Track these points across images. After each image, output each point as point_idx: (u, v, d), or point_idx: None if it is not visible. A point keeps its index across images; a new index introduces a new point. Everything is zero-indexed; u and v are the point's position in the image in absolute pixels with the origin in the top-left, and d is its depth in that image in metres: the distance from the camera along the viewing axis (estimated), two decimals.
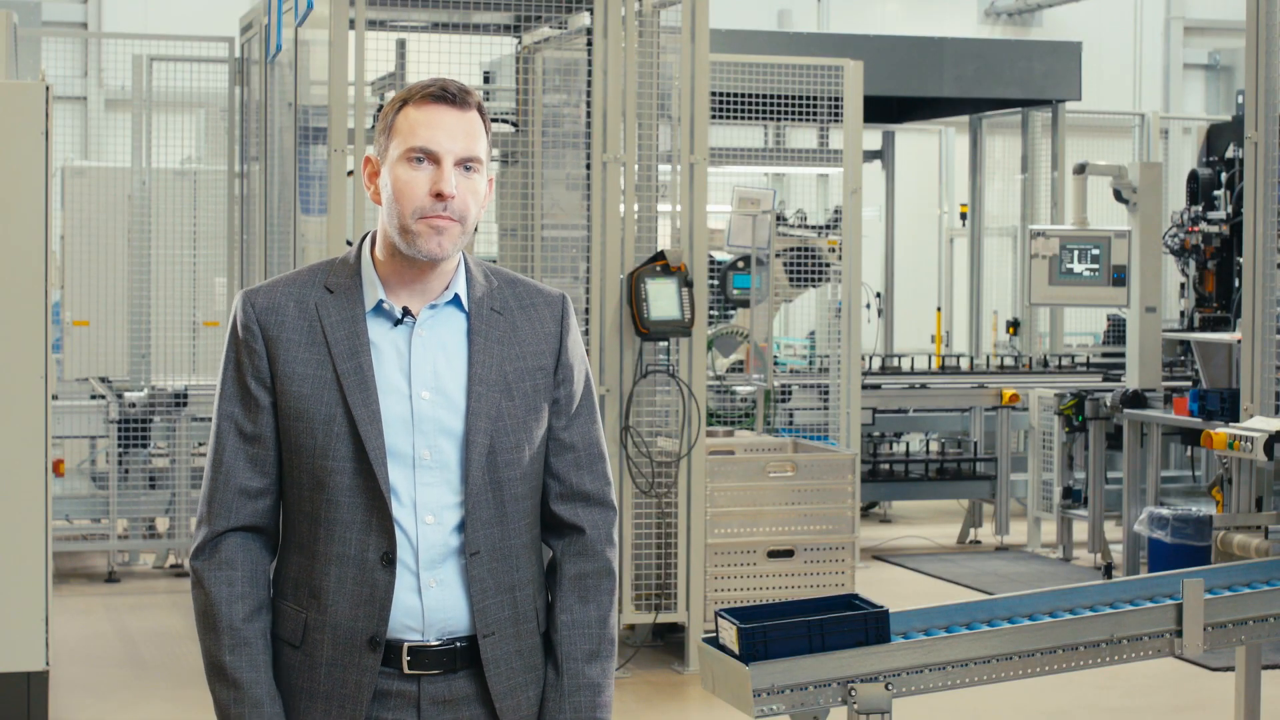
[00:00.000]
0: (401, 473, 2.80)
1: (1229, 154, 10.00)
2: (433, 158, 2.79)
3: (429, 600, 2.81)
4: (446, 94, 2.81)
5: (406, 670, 2.81)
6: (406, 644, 2.81)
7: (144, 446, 9.58)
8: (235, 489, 2.85)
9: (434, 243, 2.79)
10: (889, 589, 9.39)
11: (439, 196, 2.78)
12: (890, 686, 4.07)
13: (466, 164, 2.81)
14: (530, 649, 2.90)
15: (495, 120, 8.61)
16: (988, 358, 12.43)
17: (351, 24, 7.08)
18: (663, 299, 7.28)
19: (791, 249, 10.35)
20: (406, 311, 2.85)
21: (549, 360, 2.92)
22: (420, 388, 2.83)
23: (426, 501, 2.81)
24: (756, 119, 10.24)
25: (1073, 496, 10.32)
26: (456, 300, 2.88)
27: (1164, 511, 9.18)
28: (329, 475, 2.80)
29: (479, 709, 2.85)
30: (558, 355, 2.93)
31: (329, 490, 2.80)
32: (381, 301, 2.85)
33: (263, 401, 2.84)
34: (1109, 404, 9.86)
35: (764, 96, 9.86)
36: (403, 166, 2.80)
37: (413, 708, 2.82)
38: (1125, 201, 9.84)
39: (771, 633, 3.98)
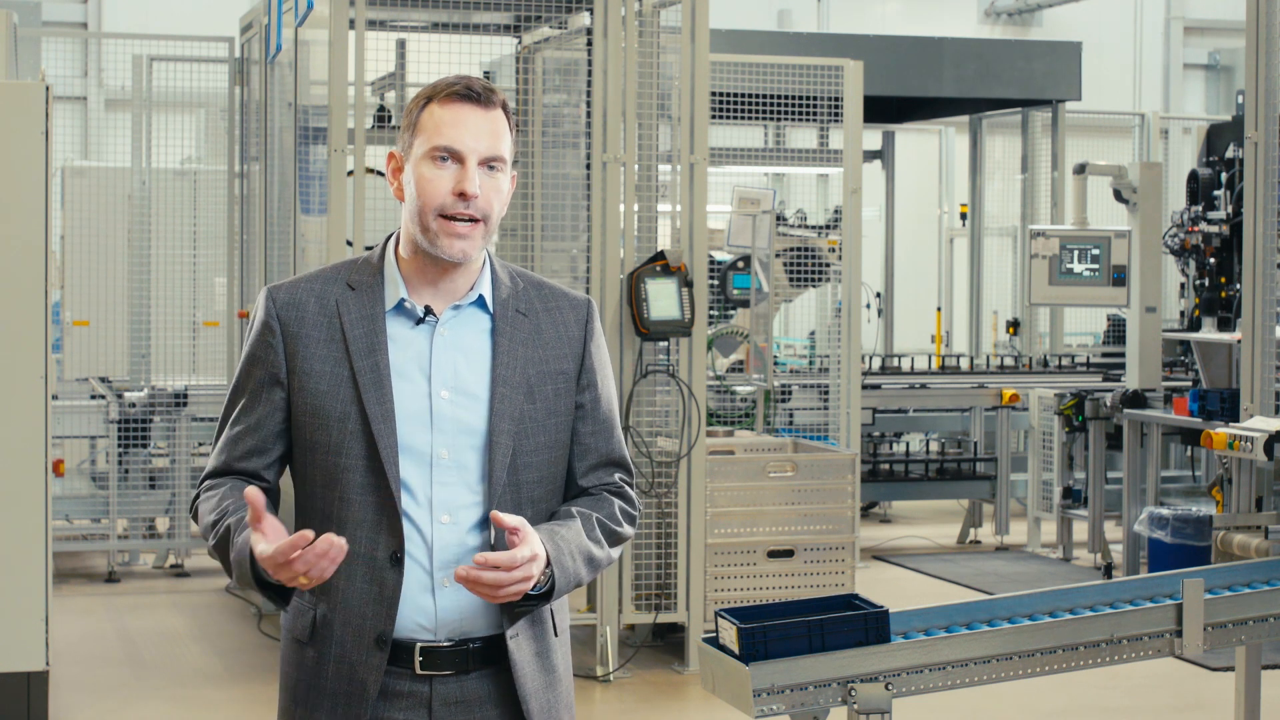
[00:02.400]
0: (418, 471, 2.80)
1: (1229, 154, 9.99)
2: (457, 157, 2.79)
3: (442, 600, 2.80)
4: (471, 92, 2.81)
5: (418, 670, 2.81)
6: (419, 644, 2.80)
7: (144, 446, 9.58)
8: (231, 469, 2.87)
9: (456, 247, 2.79)
10: (889, 589, 9.39)
11: (462, 196, 2.78)
12: (890, 686, 4.07)
13: (490, 163, 2.81)
14: (547, 650, 2.90)
15: None
16: (988, 358, 12.43)
17: (351, 24, 7.08)
18: (663, 299, 7.28)
19: (791, 249, 10.34)
20: (429, 311, 2.85)
21: (572, 364, 2.92)
22: (440, 387, 2.82)
23: (443, 500, 2.81)
24: (756, 119, 10.24)
25: (1073, 496, 10.32)
26: (481, 301, 2.88)
27: (1164, 511, 9.18)
28: (342, 473, 2.80)
29: (492, 710, 2.84)
30: (581, 359, 2.93)
31: (341, 488, 2.81)
32: (403, 300, 2.85)
33: (274, 396, 2.85)
34: (1109, 404, 9.85)
35: (764, 96, 9.86)
36: (426, 165, 2.80)
37: (424, 708, 2.82)
38: (1125, 201, 9.84)
39: (771, 633, 3.98)
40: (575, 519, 2.86)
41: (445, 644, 2.81)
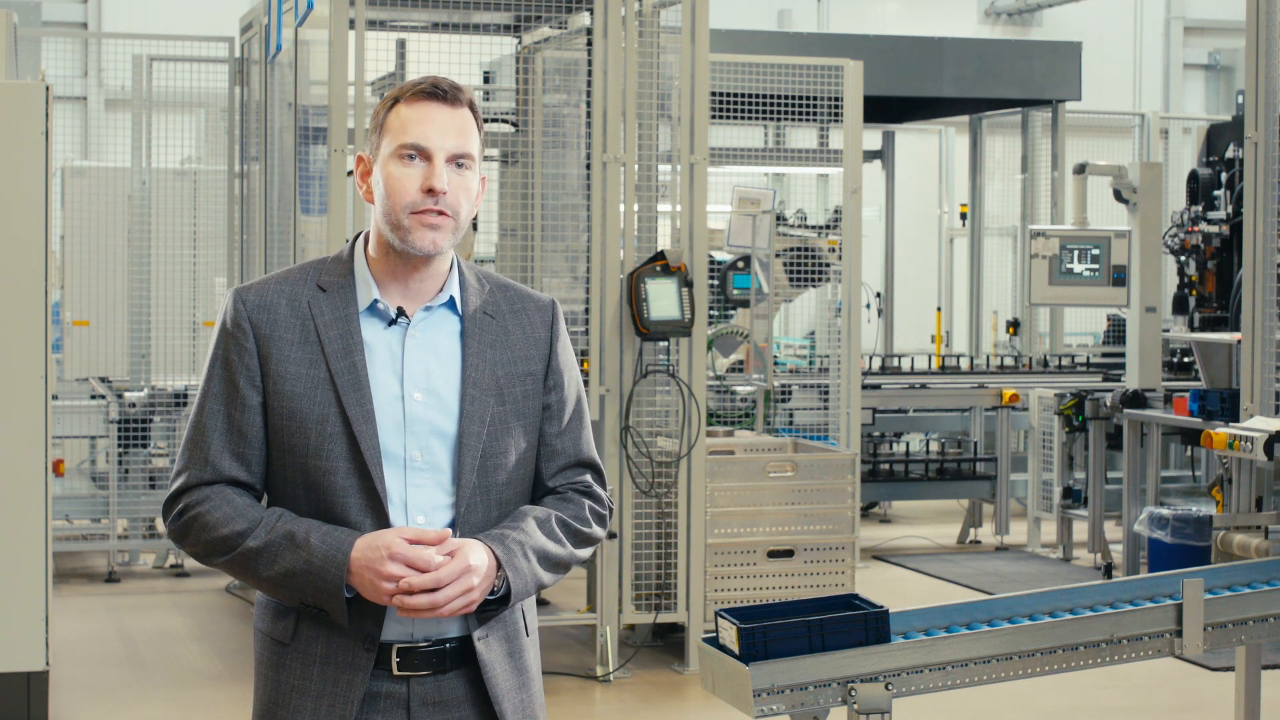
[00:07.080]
0: (393, 473, 2.80)
1: (1229, 154, 9.99)
2: (425, 154, 2.80)
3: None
4: (438, 91, 2.82)
5: (396, 671, 2.81)
6: (396, 645, 2.80)
7: (144, 446, 9.59)
8: (218, 476, 2.82)
9: (427, 239, 2.80)
10: (889, 589, 9.39)
11: (431, 192, 2.78)
12: (890, 686, 4.07)
13: (459, 160, 2.81)
14: (519, 651, 2.90)
15: (495, 120, 8.62)
16: (988, 358, 12.43)
17: (351, 24, 7.08)
18: (663, 299, 7.28)
19: (791, 249, 10.34)
20: (401, 312, 2.85)
21: (539, 366, 2.92)
22: (412, 389, 2.82)
23: (418, 502, 2.81)
24: (756, 119, 10.24)
25: (1073, 496, 10.32)
26: (451, 303, 2.88)
27: (1164, 511, 9.18)
28: (322, 476, 2.79)
29: (469, 710, 2.84)
30: (548, 360, 2.93)
31: (322, 491, 2.79)
32: (376, 301, 2.85)
33: (251, 401, 2.82)
34: (1109, 404, 9.86)
35: (764, 96, 9.86)
36: (395, 163, 2.80)
37: (402, 709, 2.82)
38: (1125, 201, 9.84)
39: (771, 633, 3.98)
40: (528, 518, 2.85)
41: (422, 644, 2.81)
